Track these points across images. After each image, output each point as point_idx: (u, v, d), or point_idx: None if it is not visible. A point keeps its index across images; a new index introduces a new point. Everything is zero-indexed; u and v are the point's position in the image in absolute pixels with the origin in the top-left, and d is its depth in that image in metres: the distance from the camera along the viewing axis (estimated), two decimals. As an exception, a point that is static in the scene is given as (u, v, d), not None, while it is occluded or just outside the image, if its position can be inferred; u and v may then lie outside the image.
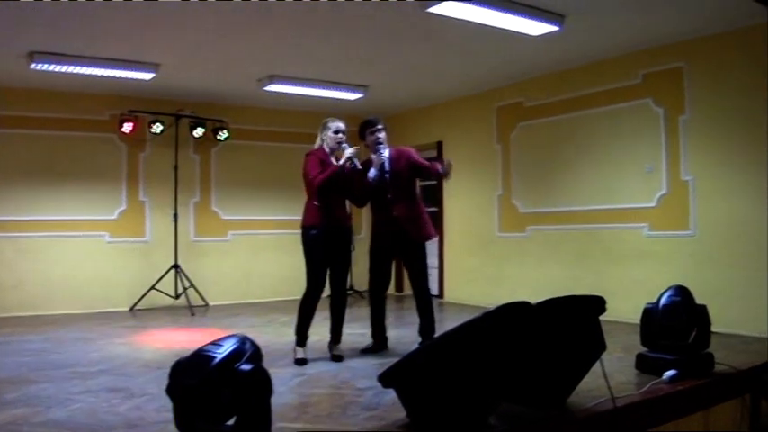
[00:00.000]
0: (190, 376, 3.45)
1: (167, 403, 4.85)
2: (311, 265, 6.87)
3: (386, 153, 7.21)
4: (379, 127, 7.26)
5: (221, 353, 3.49)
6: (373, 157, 7.21)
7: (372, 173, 7.09)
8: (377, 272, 7.50)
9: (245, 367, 3.46)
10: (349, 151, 6.92)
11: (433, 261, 12.35)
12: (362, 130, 7.35)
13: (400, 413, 4.50)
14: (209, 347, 3.57)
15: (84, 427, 4.50)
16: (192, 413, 3.48)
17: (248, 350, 3.56)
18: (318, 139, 7.10)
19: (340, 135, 7.00)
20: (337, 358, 6.88)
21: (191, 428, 3.52)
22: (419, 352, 4.45)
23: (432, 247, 12.38)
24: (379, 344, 7.45)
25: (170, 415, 4.46)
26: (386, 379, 4.36)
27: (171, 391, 3.54)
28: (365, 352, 7.29)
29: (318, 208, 6.83)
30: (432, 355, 4.20)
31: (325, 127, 7.07)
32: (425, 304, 7.38)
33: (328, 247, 6.87)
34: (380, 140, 7.19)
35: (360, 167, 7.00)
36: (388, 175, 7.16)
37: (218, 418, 3.51)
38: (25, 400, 5.25)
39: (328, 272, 6.96)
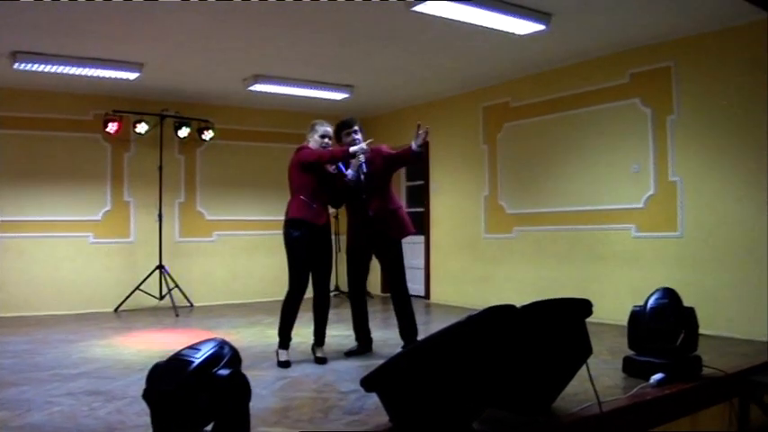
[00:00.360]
0: (166, 381, 3.39)
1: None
2: (293, 265, 6.84)
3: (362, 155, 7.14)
4: (356, 128, 7.21)
5: (198, 357, 3.44)
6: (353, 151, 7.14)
7: (350, 174, 7.06)
8: (355, 273, 7.51)
9: (223, 372, 3.40)
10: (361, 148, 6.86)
11: (418, 262, 12.38)
12: (339, 131, 7.26)
13: (383, 418, 4.44)
14: (187, 352, 3.51)
15: (63, 431, 4.45)
16: (169, 419, 3.41)
17: (226, 354, 3.50)
18: (306, 139, 7.08)
19: (326, 140, 6.98)
20: (321, 361, 6.83)
21: (167, 435, 3.45)
22: (402, 356, 4.39)
23: (418, 247, 12.40)
24: (363, 346, 7.43)
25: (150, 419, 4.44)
26: (368, 383, 4.29)
27: (147, 396, 3.47)
28: (350, 354, 7.25)
29: (305, 203, 6.81)
30: (415, 358, 4.14)
31: (312, 129, 7.06)
32: (404, 305, 7.37)
33: (311, 247, 6.84)
34: (357, 142, 7.10)
35: (364, 168, 7.02)
36: (363, 177, 7.11)
37: (195, 423, 3.45)
38: (4, 403, 5.18)
39: (311, 273, 6.93)
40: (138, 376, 6.07)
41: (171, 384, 3.36)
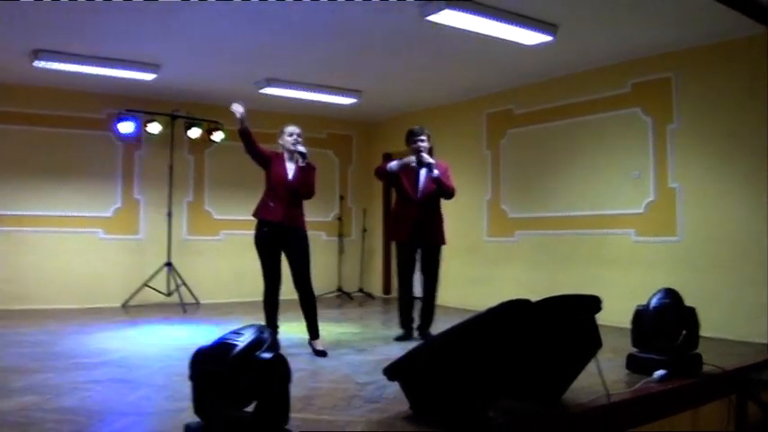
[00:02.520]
0: (213, 363, 3.57)
1: (176, 393, 5.05)
2: (261, 262, 7.30)
3: (427, 157, 7.95)
4: (422, 137, 7.98)
5: (243, 341, 3.61)
6: (412, 158, 8.01)
7: (395, 164, 7.85)
8: (405, 267, 8.02)
9: (266, 355, 3.59)
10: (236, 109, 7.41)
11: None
12: (408, 137, 8.06)
13: (402, 406, 4.63)
14: (231, 336, 3.68)
15: (97, 414, 4.58)
16: (214, 399, 3.60)
17: (267, 339, 3.69)
18: (279, 145, 7.51)
19: (294, 137, 7.37)
20: (321, 354, 7.05)
21: (211, 414, 3.65)
22: (424, 346, 4.60)
23: (420, 249, 12.58)
24: (409, 333, 7.96)
25: (180, 404, 4.64)
26: (391, 372, 4.52)
27: (194, 377, 3.66)
28: (399, 340, 7.83)
29: (262, 201, 7.38)
30: (436, 349, 4.36)
31: (281, 132, 7.49)
32: (432, 300, 8.09)
33: (275, 245, 7.23)
34: (422, 149, 7.88)
35: (305, 153, 7.33)
36: (423, 178, 7.96)
37: (238, 404, 3.65)
38: (33, 388, 5.31)
39: (291, 272, 7.27)
40: (159, 366, 6.30)
41: (217, 366, 3.54)
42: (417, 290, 8.05)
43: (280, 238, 7.19)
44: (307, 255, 7.33)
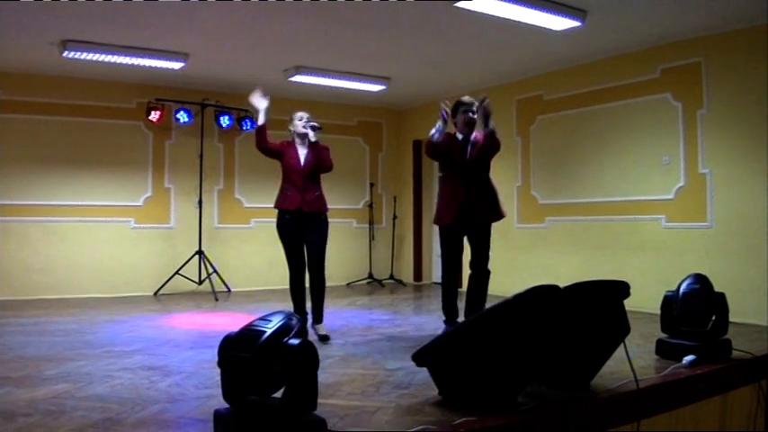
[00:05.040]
0: (241, 350, 3.60)
1: (205, 380, 5.11)
2: (284, 249, 7.48)
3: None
4: (473, 108, 7.22)
5: (271, 328, 3.64)
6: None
7: (435, 133, 7.12)
8: (453, 251, 7.48)
9: (294, 341, 3.61)
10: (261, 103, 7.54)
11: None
12: (455, 108, 7.28)
13: (432, 392, 4.67)
14: (259, 323, 3.72)
15: (128, 401, 4.62)
16: (242, 385, 3.64)
17: (295, 326, 3.71)
18: (290, 132, 7.69)
19: (304, 120, 7.51)
20: (324, 338, 7.10)
21: (240, 400, 3.69)
22: (452, 332, 4.61)
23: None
24: (451, 322, 7.52)
25: (210, 391, 4.71)
26: (419, 358, 4.55)
27: (223, 363, 3.70)
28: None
29: (280, 191, 7.58)
30: (464, 335, 4.37)
31: (291, 119, 7.67)
32: (482, 283, 7.60)
33: (295, 231, 7.37)
34: (470, 119, 7.21)
35: (318, 126, 7.48)
36: (470, 153, 7.24)
37: (266, 389, 3.68)
38: (65, 376, 5.38)
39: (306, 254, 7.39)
40: (190, 354, 6.35)
41: (246, 352, 3.57)
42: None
43: (300, 224, 7.31)
44: (324, 237, 7.43)
